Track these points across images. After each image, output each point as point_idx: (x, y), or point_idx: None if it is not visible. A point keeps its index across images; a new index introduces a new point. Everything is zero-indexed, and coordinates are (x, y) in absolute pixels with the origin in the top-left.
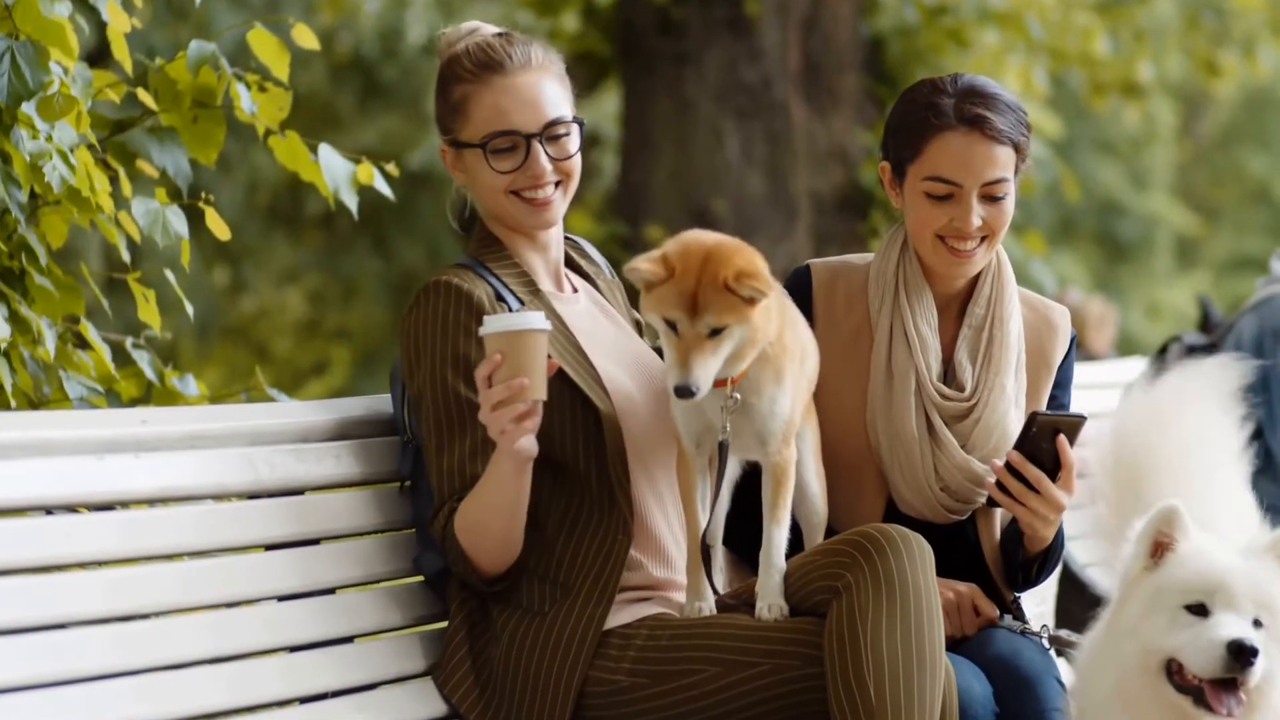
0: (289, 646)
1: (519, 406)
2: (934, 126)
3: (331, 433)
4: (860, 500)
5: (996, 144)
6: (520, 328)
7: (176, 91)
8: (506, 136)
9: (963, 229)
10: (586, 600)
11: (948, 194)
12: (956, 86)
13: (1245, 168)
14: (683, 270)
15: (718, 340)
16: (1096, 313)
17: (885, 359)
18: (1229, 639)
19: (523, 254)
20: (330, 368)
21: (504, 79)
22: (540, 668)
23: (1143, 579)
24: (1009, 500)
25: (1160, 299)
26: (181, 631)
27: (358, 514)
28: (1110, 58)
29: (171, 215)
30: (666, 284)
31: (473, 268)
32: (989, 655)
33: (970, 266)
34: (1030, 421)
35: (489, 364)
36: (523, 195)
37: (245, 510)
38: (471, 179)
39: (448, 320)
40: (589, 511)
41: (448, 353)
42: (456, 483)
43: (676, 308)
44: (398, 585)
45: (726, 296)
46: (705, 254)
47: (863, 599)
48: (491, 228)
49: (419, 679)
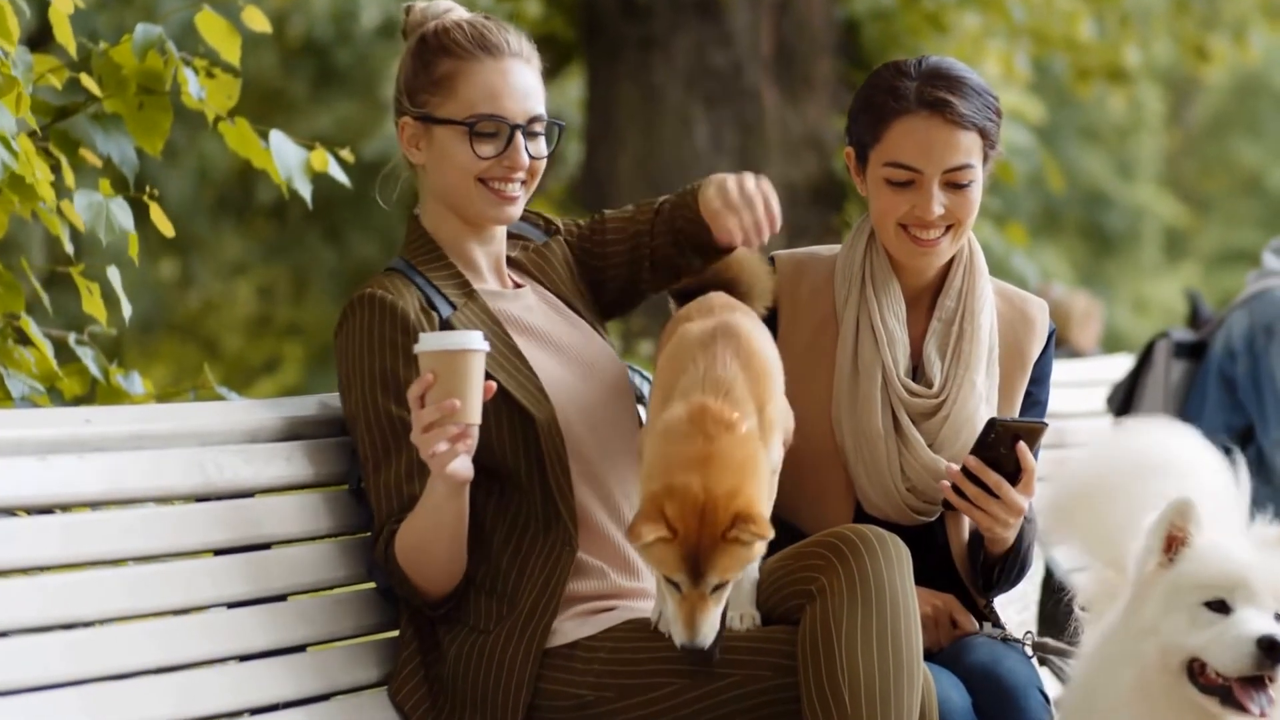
0: (239, 655)
1: (451, 428)
2: (894, 110)
3: (283, 433)
4: (826, 502)
5: (959, 129)
6: (455, 347)
7: (121, 76)
8: (493, 121)
9: (924, 217)
10: (530, 616)
11: (908, 180)
12: (921, 69)
13: (1236, 157)
14: (684, 531)
15: (721, 592)
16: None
17: (851, 354)
18: (1259, 634)
19: (464, 248)
20: (281, 365)
21: (499, 63)
22: (487, 687)
23: (1158, 576)
24: (966, 504)
25: (1147, 293)
26: (126, 640)
27: (310, 517)
28: (1095, 42)
29: (116, 208)
30: (668, 544)
31: (404, 271)
32: (968, 664)
33: (935, 257)
34: (989, 428)
35: (421, 384)
36: (491, 185)
37: (193, 513)
38: (437, 158)
39: (373, 337)
40: (534, 525)
41: (375, 371)
42: (395, 504)
43: (678, 570)
44: (352, 592)
45: (728, 552)
46: (700, 507)
47: (837, 603)
48: (428, 223)
49: (374, 689)
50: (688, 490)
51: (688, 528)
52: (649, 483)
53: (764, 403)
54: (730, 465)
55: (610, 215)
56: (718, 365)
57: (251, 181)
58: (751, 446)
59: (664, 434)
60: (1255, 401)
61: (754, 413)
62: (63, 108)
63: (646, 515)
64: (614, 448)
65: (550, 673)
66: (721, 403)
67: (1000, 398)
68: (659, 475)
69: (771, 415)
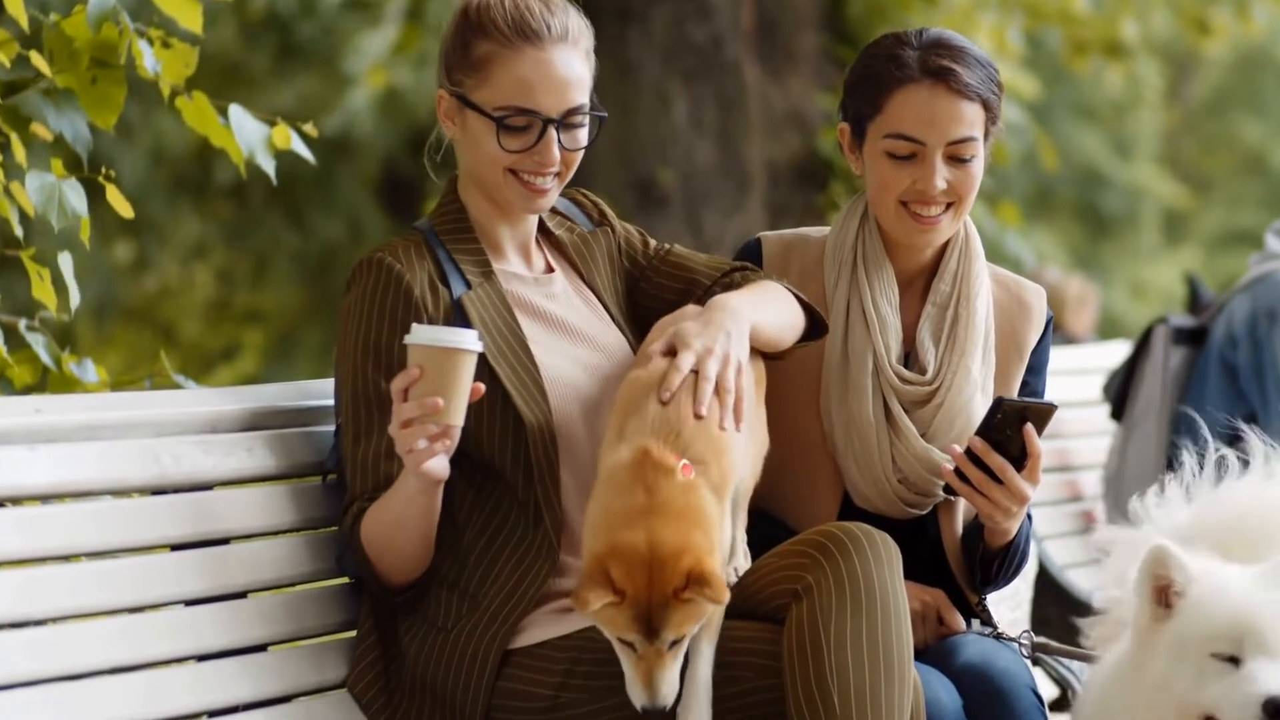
0: (197, 655)
1: (431, 427)
2: (896, 79)
3: (243, 423)
4: (814, 495)
5: (963, 99)
6: (447, 344)
7: (73, 50)
8: (524, 115)
9: (926, 191)
10: (493, 619)
11: (910, 153)
12: (922, 39)
13: (1238, 135)
14: (633, 592)
15: (679, 646)
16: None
17: (841, 339)
18: (1265, 696)
19: (491, 227)
20: (241, 352)
21: (537, 51)
22: (446, 685)
23: (1157, 629)
24: (968, 489)
25: (1145, 277)
26: (80, 639)
27: (271, 511)
28: (1091, 15)
29: (69, 191)
30: (617, 607)
31: (425, 238)
32: (959, 664)
33: (935, 235)
34: (995, 407)
35: (406, 376)
36: (521, 177)
37: (149, 507)
38: (469, 142)
39: (373, 305)
40: (512, 525)
41: (370, 341)
42: (369, 481)
43: (631, 630)
44: (316, 589)
45: (682, 610)
46: (647, 564)
47: (824, 602)
48: (464, 194)
49: (338, 690)
50: (633, 548)
51: (636, 587)
52: (592, 540)
53: (720, 450)
54: (675, 516)
55: (678, 251)
56: (669, 408)
57: (210, 160)
58: (698, 495)
59: (606, 481)
60: (1258, 389)
61: (707, 456)
62: (12, 83)
63: (592, 580)
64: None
65: (517, 671)
66: (664, 447)
67: (996, 387)
68: (601, 531)
69: (726, 466)
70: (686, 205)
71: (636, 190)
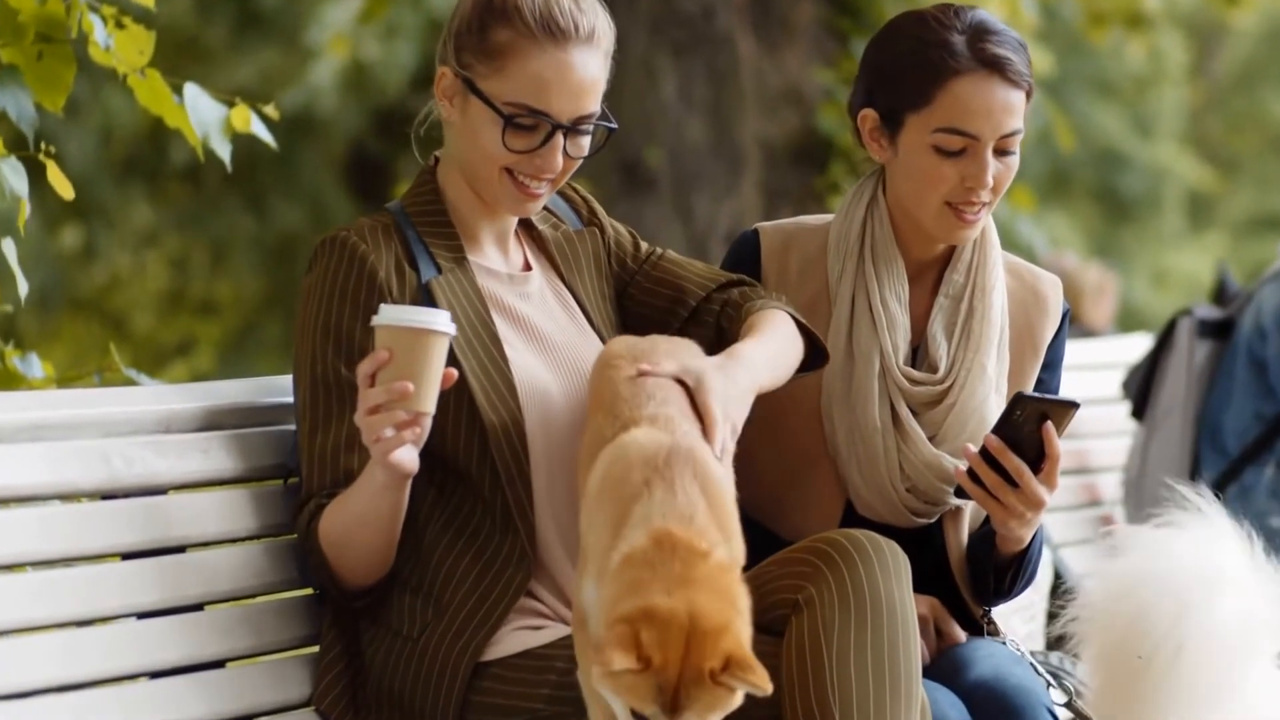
0: (150, 671)
1: (400, 414)
2: (950, 69)
3: (199, 422)
4: (815, 503)
5: (1016, 89)
6: (417, 325)
7: (18, 23)
8: (534, 116)
9: (976, 187)
10: (464, 627)
11: (962, 148)
12: (965, 22)
13: (1268, 112)
14: (661, 661)
15: None
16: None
17: (845, 337)
18: None
19: (470, 218)
20: (196, 346)
21: (559, 52)
22: (414, 701)
23: None
24: (981, 493)
25: (1168, 265)
26: (25, 654)
27: (230, 517)
28: None
29: (8, 170)
30: (641, 675)
31: (396, 219)
32: (970, 680)
33: (974, 231)
34: (1014, 404)
35: (373, 360)
36: (516, 178)
37: (98, 512)
38: (466, 129)
39: (335, 286)
40: (476, 527)
41: (330, 325)
42: (327, 476)
43: (650, 704)
44: (277, 600)
45: (713, 692)
46: (685, 636)
47: (827, 614)
48: (444, 179)
49: (301, 710)
50: (671, 615)
51: (667, 658)
52: (615, 605)
53: (730, 534)
54: (717, 595)
55: (670, 258)
56: (676, 493)
57: (163, 141)
58: (733, 577)
59: (626, 563)
60: None
61: (722, 543)
62: None
63: (619, 640)
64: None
65: (494, 684)
66: (689, 530)
67: (1009, 386)
68: (628, 596)
69: (738, 549)
70: (675, 187)
71: (622, 171)
